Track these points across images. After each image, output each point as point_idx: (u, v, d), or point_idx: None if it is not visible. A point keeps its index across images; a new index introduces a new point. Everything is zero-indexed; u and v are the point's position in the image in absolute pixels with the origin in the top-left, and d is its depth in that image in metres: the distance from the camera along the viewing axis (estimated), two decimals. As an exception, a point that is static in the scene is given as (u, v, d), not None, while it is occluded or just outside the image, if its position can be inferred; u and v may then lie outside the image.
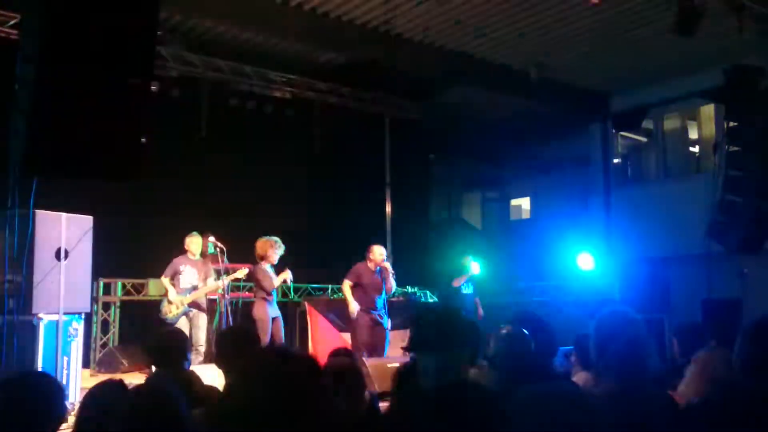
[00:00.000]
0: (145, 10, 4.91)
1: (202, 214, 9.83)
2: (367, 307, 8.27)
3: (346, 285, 8.36)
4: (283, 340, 8.55)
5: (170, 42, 10.19)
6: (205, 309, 8.50)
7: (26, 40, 5.03)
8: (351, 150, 12.51)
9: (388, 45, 10.50)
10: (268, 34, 10.41)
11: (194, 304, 8.27)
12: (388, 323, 8.50)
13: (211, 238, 8.41)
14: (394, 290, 8.80)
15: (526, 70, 11.49)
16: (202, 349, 8.24)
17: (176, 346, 4.08)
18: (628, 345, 2.84)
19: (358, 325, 8.29)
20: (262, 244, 8.34)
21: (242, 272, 8.38)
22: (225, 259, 8.28)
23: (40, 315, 6.37)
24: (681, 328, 4.94)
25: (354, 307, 8.23)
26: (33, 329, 6.31)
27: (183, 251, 8.46)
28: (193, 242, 8.40)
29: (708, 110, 12.57)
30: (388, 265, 8.36)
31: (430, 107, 13.62)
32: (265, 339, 8.15)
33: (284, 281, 8.58)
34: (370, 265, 8.38)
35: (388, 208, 13.38)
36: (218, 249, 8.30)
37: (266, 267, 8.33)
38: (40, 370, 5.83)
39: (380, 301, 8.36)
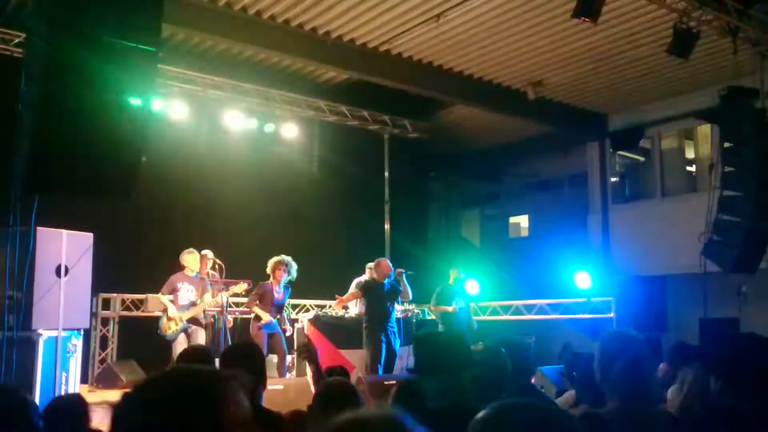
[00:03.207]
0: (148, 29, 5.00)
1: (202, 230, 9.89)
2: (381, 322, 8.27)
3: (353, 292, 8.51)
4: (286, 355, 8.58)
5: (172, 60, 10.29)
6: (203, 325, 8.53)
7: (30, 59, 5.12)
8: (350, 168, 12.59)
9: (388, 64, 10.62)
10: (269, 52, 10.53)
11: (193, 320, 8.31)
12: (399, 340, 8.51)
13: (210, 255, 8.46)
14: (411, 297, 8.76)
15: (525, 90, 11.61)
16: (201, 365, 8.26)
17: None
18: (632, 365, 2.89)
19: (372, 343, 8.27)
20: (270, 262, 8.44)
21: (240, 287, 8.42)
22: (223, 276, 8.34)
23: (40, 331, 6.42)
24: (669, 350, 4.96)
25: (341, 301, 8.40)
26: (32, 345, 6.36)
27: (180, 268, 8.50)
28: (190, 259, 8.45)
29: (704, 130, 12.67)
30: (399, 270, 8.39)
31: (430, 126, 13.72)
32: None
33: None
34: (377, 277, 8.42)
35: (387, 226, 13.43)
36: (217, 266, 8.36)
37: (267, 286, 8.39)
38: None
39: (393, 315, 8.37)
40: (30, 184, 4.80)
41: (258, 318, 8.33)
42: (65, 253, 6.64)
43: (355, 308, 9.85)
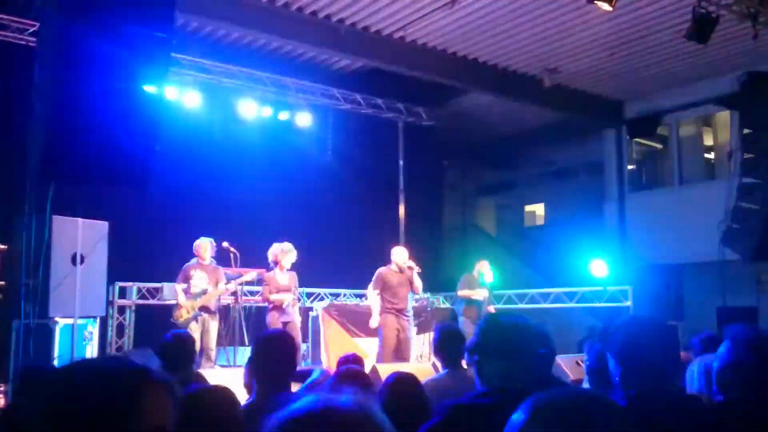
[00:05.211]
0: (161, 18, 4.99)
1: (216, 219, 9.91)
2: (396, 310, 8.26)
3: (374, 294, 8.30)
4: (300, 343, 8.60)
5: (186, 48, 10.29)
6: (216, 313, 8.53)
7: (44, 48, 5.13)
8: (365, 156, 12.55)
9: (403, 52, 10.56)
10: (283, 40, 10.49)
11: (205, 309, 8.29)
12: (413, 328, 8.52)
13: (225, 244, 8.46)
14: (421, 290, 8.79)
15: (540, 77, 11.50)
16: (213, 354, 8.27)
17: (184, 348, 4.12)
18: (649, 351, 2.85)
19: (386, 329, 8.21)
20: (272, 249, 8.42)
21: (251, 275, 8.42)
22: (237, 264, 8.35)
23: (56, 318, 6.46)
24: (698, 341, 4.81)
25: (375, 319, 8.19)
26: (49, 332, 6.42)
27: (193, 256, 8.51)
28: (202, 246, 8.45)
29: (723, 117, 12.52)
30: (412, 263, 8.38)
31: (444, 113, 13.64)
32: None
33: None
34: (393, 267, 8.42)
35: (402, 214, 13.40)
36: (231, 254, 8.36)
37: (276, 273, 8.37)
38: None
39: (408, 304, 8.37)
40: (45, 173, 4.82)
41: (274, 308, 8.32)
42: (81, 241, 6.68)
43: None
